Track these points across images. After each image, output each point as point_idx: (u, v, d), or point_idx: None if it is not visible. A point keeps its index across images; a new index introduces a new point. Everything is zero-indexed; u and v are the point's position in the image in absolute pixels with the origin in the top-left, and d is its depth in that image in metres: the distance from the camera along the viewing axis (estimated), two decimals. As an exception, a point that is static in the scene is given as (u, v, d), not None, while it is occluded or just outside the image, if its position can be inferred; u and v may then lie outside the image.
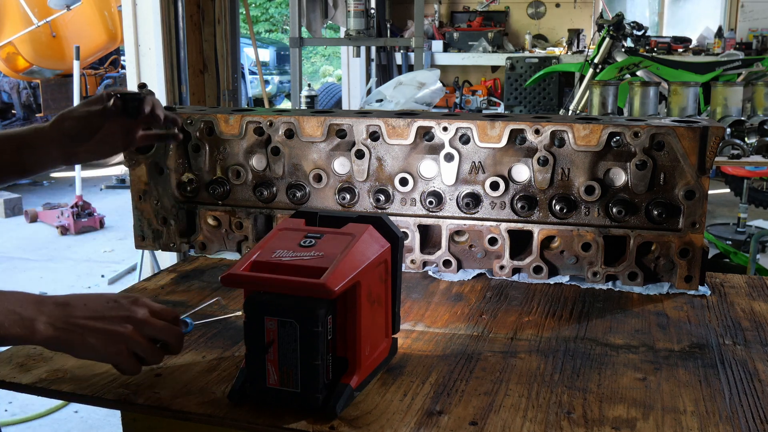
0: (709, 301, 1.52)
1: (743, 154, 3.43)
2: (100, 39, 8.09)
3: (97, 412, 3.30)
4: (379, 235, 1.14)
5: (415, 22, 5.26)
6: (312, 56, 19.27)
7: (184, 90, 3.94)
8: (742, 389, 1.14)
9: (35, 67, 7.66)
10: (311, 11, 5.26)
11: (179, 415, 1.08)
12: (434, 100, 3.49)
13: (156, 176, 1.78)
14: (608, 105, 3.81)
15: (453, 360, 1.24)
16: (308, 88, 4.75)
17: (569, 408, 1.08)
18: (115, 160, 9.16)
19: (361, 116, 1.66)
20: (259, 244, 1.11)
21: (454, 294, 1.56)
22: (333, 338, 1.05)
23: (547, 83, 8.50)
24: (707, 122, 1.51)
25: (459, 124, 1.60)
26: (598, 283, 1.60)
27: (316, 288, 1.00)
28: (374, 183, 1.68)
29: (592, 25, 9.00)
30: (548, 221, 1.61)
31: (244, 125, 1.71)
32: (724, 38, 8.54)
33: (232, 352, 1.26)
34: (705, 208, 1.52)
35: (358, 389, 1.10)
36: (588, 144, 1.54)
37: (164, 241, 1.82)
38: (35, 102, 7.92)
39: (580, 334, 1.35)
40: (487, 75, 9.57)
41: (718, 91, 3.72)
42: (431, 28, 9.48)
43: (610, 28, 5.74)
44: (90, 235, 6.39)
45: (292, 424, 1.03)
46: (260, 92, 9.55)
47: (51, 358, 1.25)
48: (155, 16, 3.84)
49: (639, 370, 1.20)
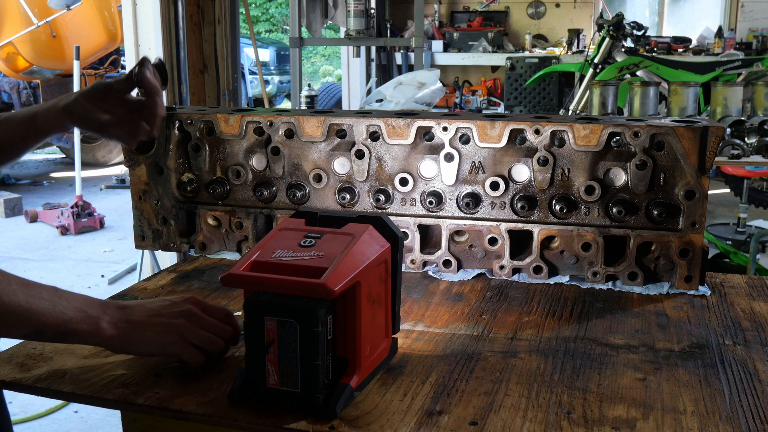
0: (709, 301, 1.52)
1: (743, 154, 3.43)
2: (100, 39, 8.09)
3: (97, 412, 3.30)
4: (379, 235, 1.14)
5: (415, 22, 5.26)
6: (312, 56, 19.27)
7: (184, 90, 3.94)
8: (742, 389, 1.14)
9: (35, 67, 7.66)
10: (311, 11, 5.26)
11: (179, 415, 1.08)
12: (434, 100, 3.49)
13: (156, 176, 1.78)
14: (608, 105, 3.81)
15: (453, 360, 1.24)
16: (308, 88, 4.75)
17: (569, 408, 1.08)
18: (116, 159, 9.17)
19: (361, 116, 1.66)
20: (259, 244, 1.11)
21: (454, 294, 1.56)
22: (333, 338, 1.05)
23: (547, 83, 8.50)
24: (707, 122, 1.51)
25: (459, 124, 1.60)
26: (598, 283, 1.60)
27: (316, 288, 1.00)
28: (374, 183, 1.68)
29: (592, 25, 9.01)
30: (548, 221, 1.61)
31: (244, 125, 1.71)
32: (724, 38, 8.54)
33: (232, 352, 1.26)
34: (705, 208, 1.52)
35: (358, 389, 1.10)
36: (588, 144, 1.54)
37: (164, 241, 1.82)
38: (35, 102, 7.92)
39: (580, 334, 1.35)
40: (487, 75, 9.57)
41: (718, 91, 3.72)
42: (431, 28, 9.48)
43: (610, 28, 5.74)
44: (90, 235, 6.39)
45: (292, 424, 1.03)
46: (260, 92, 9.55)
47: (51, 358, 1.25)
48: (155, 16, 3.84)
49: (639, 370, 1.20)
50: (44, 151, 10.22)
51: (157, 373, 1.18)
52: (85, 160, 7.99)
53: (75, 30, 7.66)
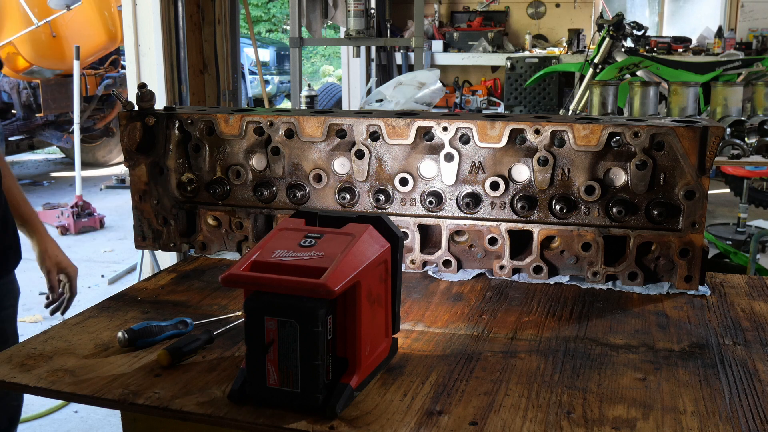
0: (709, 301, 1.52)
1: (743, 154, 3.43)
2: (100, 39, 8.08)
3: (97, 412, 3.29)
4: (379, 235, 1.14)
5: (415, 22, 5.25)
6: (312, 56, 19.26)
7: (184, 90, 3.94)
8: (742, 389, 1.14)
9: (35, 67, 7.65)
10: (311, 11, 5.25)
11: (179, 415, 1.08)
12: (434, 100, 3.48)
13: (156, 176, 1.77)
14: (608, 105, 3.80)
15: (453, 360, 1.24)
16: (308, 88, 4.74)
17: (569, 408, 1.08)
18: (116, 160, 9.16)
19: (361, 116, 1.66)
20: (259, 244, 1.11)
21: (454, 294, 1.56)
22: (333, 338, 1.05)
23: (547, 83, 8.50)
24: (707, 122, 1.51)
25: (459, 124, 1.60)
26: (598, 283, 1.60)
27: (316, 288, 1.00)
28: (374, 183, 1.68)
29: (592, 25, 9.00)
30: (548, 221, 1.61)
31: (244, 125, 1.71)
32: (724, 38, 8.53)
33: (232, 352, 1.26)
34: (705, 208, 1.52)
35: (358, 389, 1.10)
36: (588, 144, 1.54)
37: (164, 241, 1.82)
38: (35, 102, 7.90)
39: (580, 334, 1.35)
40: (487, 75, 9.56)
41: (718, 91, 3.72)
42: (431, 28, 9.47)
43: (610, 28, 5.74)
44: (90, 235, 6.39)
45: (292, 424, 1.03)
46: (260, 92, 9.55)
47: (51, 358, 1.25)
48: (155, 16, 3.83)
49: (639, 370, 1.20)
50: (44, 151, 10.22)
51: (157, 374, 1.18)
52: (85, 160, 7.98)
53: (75, 30, 7.64)
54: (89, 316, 1.45)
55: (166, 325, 1.34)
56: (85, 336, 1.35)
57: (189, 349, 1.24)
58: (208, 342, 1.29)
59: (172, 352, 1.22)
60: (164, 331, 1.33)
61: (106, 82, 8.38)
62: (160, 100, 3.01)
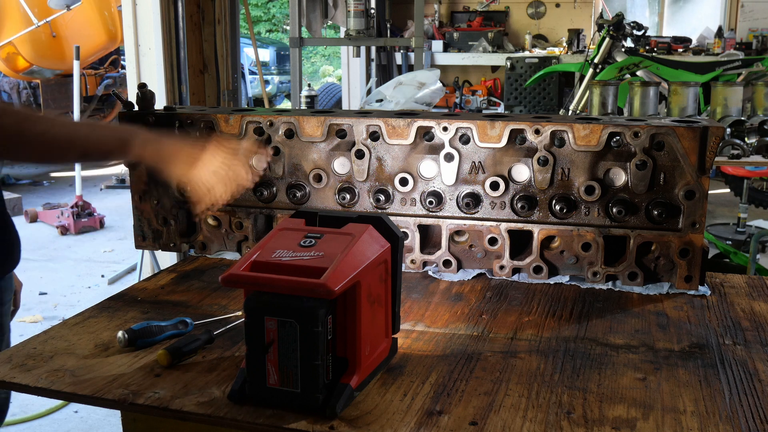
0: (709, 301, 1.52)
1: (743, 154, 3.43)
2: (100, 39, 8.07)
3: (97, 412, 3.29)
4: (379, 235, 1.14)
5: (415, 22, 5.25)
6: (312, 56, 19.26)
7: (184, 90, 3.93)
8: (742, 389, 1.14)
9: (35, 67, 7.65)
10: (311, 11, 5.25)
11: (179, 415, 1.08)
12: (434, 100, 3.48)
13: (156, 176, 1.77)
14: (608, 105, 3.80)
15: (453, 360, 1.24)
16: (308, 88, 4.74)
17: (569, 408, 1.08)
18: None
19: (361, 116, 1.66)
20: (259, 244, 1.11)
21: (454, 294, 1.56)
22: (333, 338, 1.05)
23: (547, 83, 8.50)
24: (707, 122, 1.51)
25: (459, 124, 1.60)
26: (598, 283, 1.60)
27: (316, 288, 1.00)
28: (374, 183, 1.68)
29: (592, 25, 9.00)
30: (548, 221, 1.61)
31: (244, 125, 1.71)
32: (724, 38, 8.53)
33: (232, 352, 1.26)
34: (705, 208, 1.52)
35: (358, 389, 1.10)
36: (588, 144, 1.54)
37: (164, 241, 1.82)
38: (35, 102, 7.90)
39: (580, 334, 1.35)
40: (487, 75, 9.56)
41: (718, 91, 3.72)
42: (431, 28, 9.47)
43: (610, 28, 5.73)
44: (90, 235, 6.38)
45: (292, 424, 1.03)
46: (260, 92, 9.54)
47: (51, 358, 1.25)
48: (155, 16, 3.83)
49: (639, 370, 1.20)
50: (44, 151, 10.20)
51: (157, 374, 1.18)
52: (85, 160, 7.97)
53: (75, 30, 7.64)
54: (89, 316, 1.45)
55: (166, 325, 1.34)
56: (85, 336, 1.35)
57: (189, 349, 1.24)
58: (208, 342, 1.29)
59: (172, 352, 1.22)
60: (164, 331, 1.33)
61: (106, 82, 8.38)
62: (160, 100, 3.00)
